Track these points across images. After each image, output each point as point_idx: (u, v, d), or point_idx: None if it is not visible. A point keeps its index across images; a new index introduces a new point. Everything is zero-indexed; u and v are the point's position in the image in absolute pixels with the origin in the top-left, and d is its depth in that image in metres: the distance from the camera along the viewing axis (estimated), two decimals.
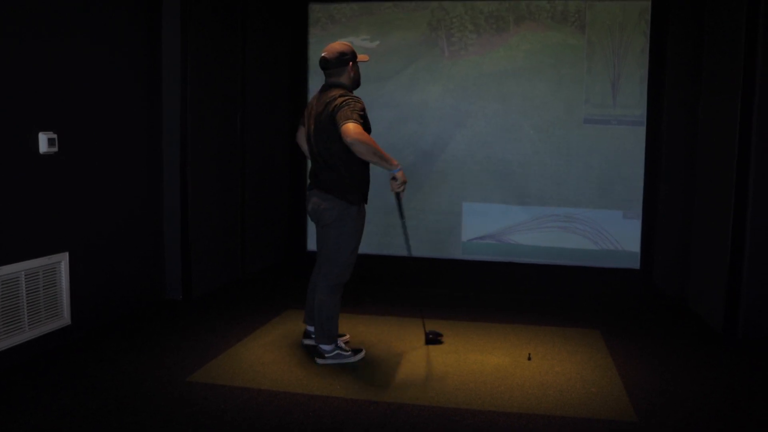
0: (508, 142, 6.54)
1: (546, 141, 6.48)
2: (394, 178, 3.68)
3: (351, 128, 3.49)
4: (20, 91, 3.65)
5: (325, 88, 3.83)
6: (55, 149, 3.86)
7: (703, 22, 5.03)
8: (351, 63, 3.81)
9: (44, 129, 3.81)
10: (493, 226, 6.65)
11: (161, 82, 4.98)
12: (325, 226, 3.80)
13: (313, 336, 4.02)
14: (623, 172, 6.37)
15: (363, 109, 3.66)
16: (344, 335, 4.25)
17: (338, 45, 3.84)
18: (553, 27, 6.40)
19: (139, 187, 4.80)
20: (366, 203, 3.89)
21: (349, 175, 3.73)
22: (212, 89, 5.35)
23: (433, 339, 4.23)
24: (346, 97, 3.65)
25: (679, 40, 5.56)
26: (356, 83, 3.91)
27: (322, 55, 3.80)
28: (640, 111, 6.28)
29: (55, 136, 3.85)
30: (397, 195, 3.81)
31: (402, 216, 4.00)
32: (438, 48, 6.61)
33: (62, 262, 3.98)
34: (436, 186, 6.68)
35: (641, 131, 6.27)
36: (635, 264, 6.36)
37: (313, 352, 3.96)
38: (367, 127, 3.65)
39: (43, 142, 3.78)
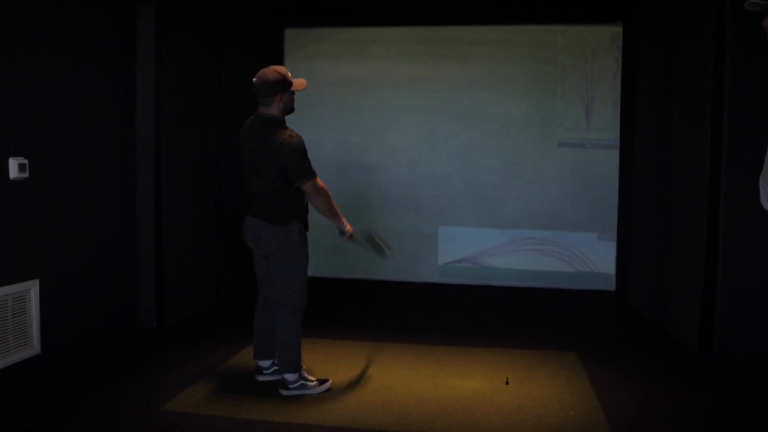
0: (483, 166, 6.58)
1: (521, 164, 6.53)
2: (342, 233, 3.86)
3: (311, 188, 3.62)
4: None
5: (258, 120, 3.68)
6: (26, 175, 3.80)
7: (672, 47, 5.12)
8: (280, 95, 3.61)
9: (15, 154, 3.75)
10: (469, 249, 6.66)
11: (135, 107, 4.93)
12: (270, 256, 3.72)
13: (265, 372, 3.96)
14: (598, 194, 6.43)
15: (305, 149, 3.61)
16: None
17: (270, 72, 3.62)
18: (526, 52, 6.48)
19: (112, 213, 4.73)
20: (307, 230, 3.79)
21: (284, 205, 3.65)
22: (187, 114, 5.32)
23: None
24: (287, 143, 3.54)
25: (650, 65, 5.66)
26: (288, 111, 3.71)
27: (253, 80, 3.61)
28: (614, 134, 6.36)
29: (26, 161, 3.79)
30: (350, 239, 3.93)
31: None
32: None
33: (32, 289, 3.89)
34: (413, 210, 6.68)
35: (615, 154, 6.35)
36: (611, 286, 6.40)
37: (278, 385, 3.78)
38: None
39: (14, 168, 3.71)
